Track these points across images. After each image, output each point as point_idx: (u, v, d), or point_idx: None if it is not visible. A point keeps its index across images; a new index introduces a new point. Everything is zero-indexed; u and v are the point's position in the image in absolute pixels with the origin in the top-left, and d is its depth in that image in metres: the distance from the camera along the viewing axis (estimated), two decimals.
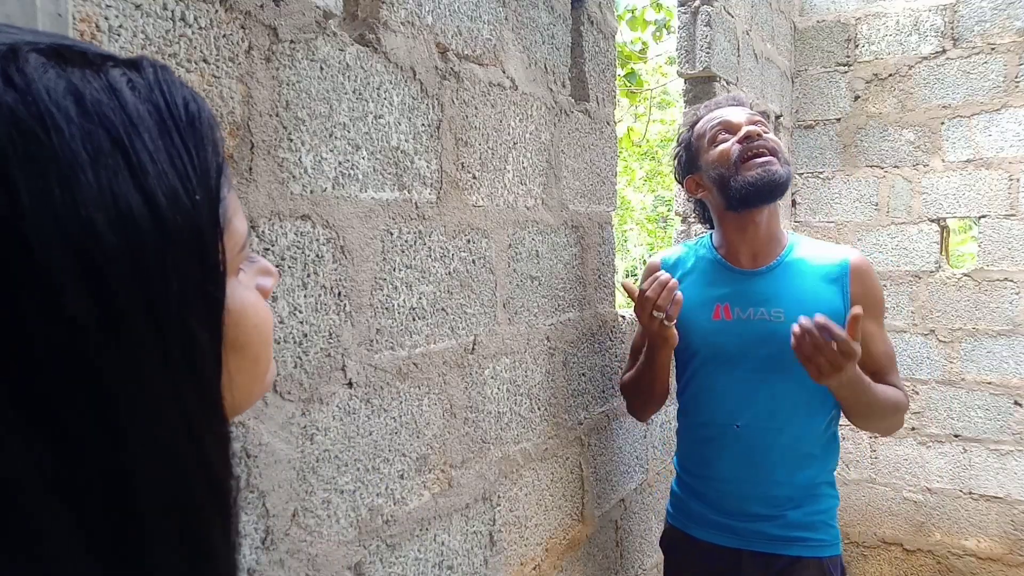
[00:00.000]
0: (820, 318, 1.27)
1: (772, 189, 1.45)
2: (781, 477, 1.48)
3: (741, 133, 1.48)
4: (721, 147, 1.50)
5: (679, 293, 1.44)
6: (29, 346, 0.28)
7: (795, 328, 1.29)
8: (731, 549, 1.51)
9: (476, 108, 1.24)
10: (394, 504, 1.08)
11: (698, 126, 1.58)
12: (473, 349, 1.26)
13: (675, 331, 1.47)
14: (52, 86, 0.30)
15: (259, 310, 0.40)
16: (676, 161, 1.64)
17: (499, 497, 1.33)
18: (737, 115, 1.51)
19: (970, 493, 3.18)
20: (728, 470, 1.51)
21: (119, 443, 0.30)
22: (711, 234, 1.63)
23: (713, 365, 1.51)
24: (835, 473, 1.56)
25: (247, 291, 0.39)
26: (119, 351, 0.30)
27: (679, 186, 1.66)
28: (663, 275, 1.44)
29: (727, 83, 2.62)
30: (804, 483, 1.49)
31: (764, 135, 1.48)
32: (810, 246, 1.56)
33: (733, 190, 1.46)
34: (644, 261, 8.66)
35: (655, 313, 1.43)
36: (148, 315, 0.31)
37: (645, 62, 5.60)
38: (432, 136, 1.15)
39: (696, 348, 1.54)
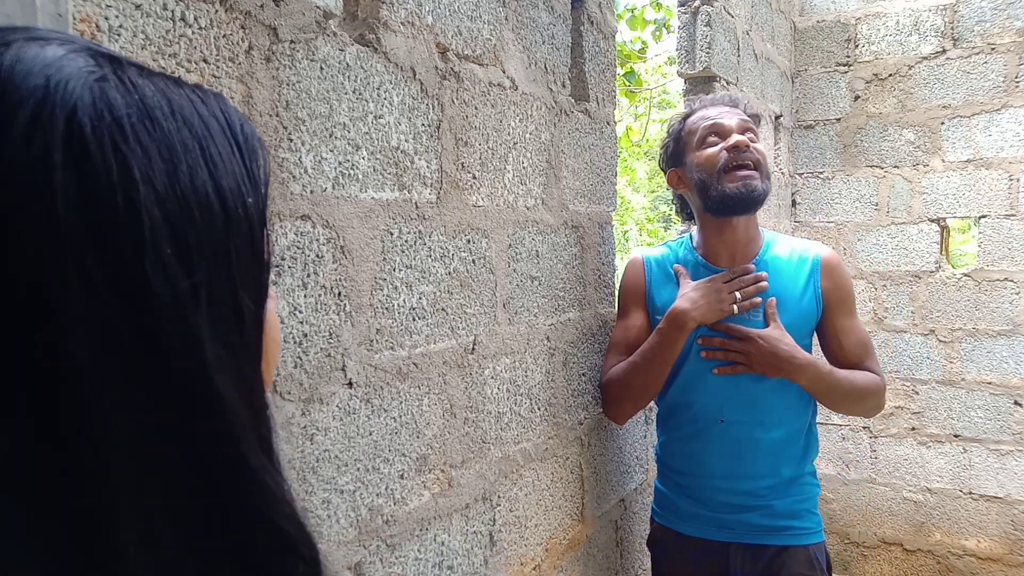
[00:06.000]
0: (722, 325, 1.50)
1: (748, 204, 1.49)
2: (765, 470, 1.53)
3: (730, 141, 1.49)
4: (709, 151, 1.51)
5: (759, 298, 1.50)
6: (138, 287, 0.33)
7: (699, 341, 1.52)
8: (720, 543, 1.54)
9: (476, 108, 1.24)
10: (394, 504, 1.08)
11: (690, 120, 1.59)
12: (473, 349, 1.26)
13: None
14: (149, 88, 0.36)
15: (275, 318, 0.45)
16: (663, 150, 1.66)
17: (499, 497, 1.33)
18: (729, 119, 1.52)
19: (970, 493, 3.18)
20: (714, 465, 1.55)
21: (173, 389, 0.35)
22: (691, 235, 1.66)
23: (699, 364, 1.54)
24: (815, 463, 1.63)
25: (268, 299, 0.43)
26: (196, 309, 0.35)
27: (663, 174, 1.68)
28: (763, 274, 1.51)
29: (727, 83, 2.62)
30: (788, 475, 1.54)
31: (752, 146, 1.49)
32: (784, 244, 1.61)
33: (712, 198, 1.50)
34: None
35: (732, 305, 1.47)
36: (216, 284, 0.36)
37: (644, 62, 5.59)
38: (432, 136, 1.15)
39: (684, 349, 1.55)
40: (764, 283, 1.50)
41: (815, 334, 1.60)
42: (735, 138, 1.49)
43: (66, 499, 0.32)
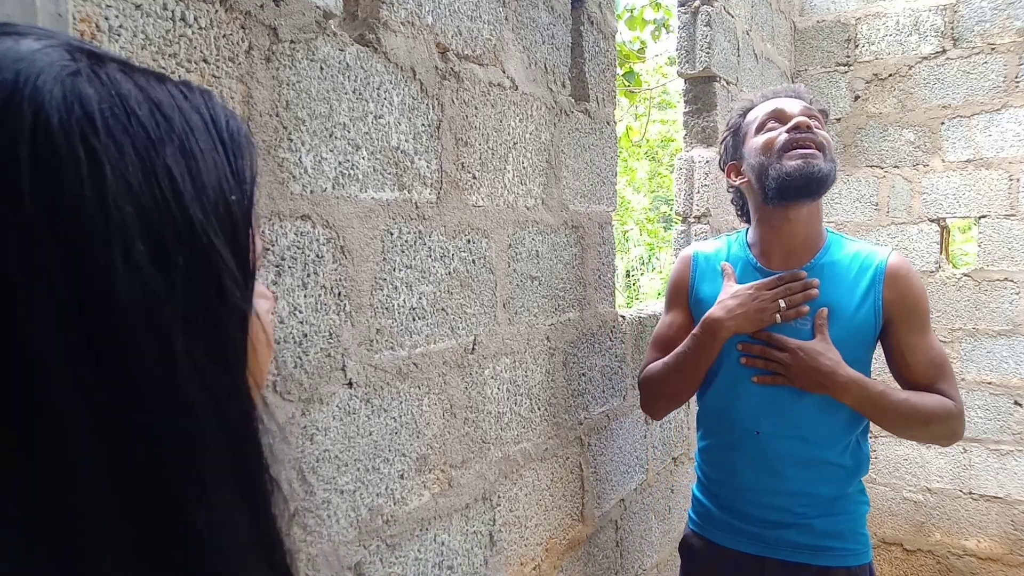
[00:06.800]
0: (763, 334, 1.41)
1: (809, 183, 1.35)
2: (803, 488, 1.41)
3: (791, 123, 1.39)
4: (768, 135, 1.41)
5: (806, 307, 1.38)
6: (101, 284, 0.32)
7: (740, 347, 1.44)
8: (754, 556, 1.45)
9: (476, 108, 1.24)
10: (394, 504, 1.08)
11: (750, 113, 1.49)
12: (473, 349, 1.26)
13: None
14: (127, 85, 0.35)
15: (267, 319, 0.44)
16: (722, 147, 1.57)
17: (499, 497, 1.33)
18: (792, 106, 1.43)
19: (970, 493, 3.18)
20: (749, 477, 1.45)
21: (144, 387, 0.34)
22: (748, 229, 1.55)
23: (737, 370, 1.45)
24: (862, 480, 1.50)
25: (257, 298, 0.42)
26: (170, 310, 0.34)
27: (721, 174, 1.58)
28: (814, 281, 1.39)
29: (727, 83, 2.62)
30: (830, 494, 1.42)
31: (815, 129, 1.39)
32: (848, 247, 1.46)
33: (770, 179, 1.38)
34: (643, 261, 8.63)
35: (774, 315, 1.37)
36: (194, 285, 0.35)
37: (644, 62, 5.59)
38: (432, 136, 1.15)
39: (721, 352, 1.45)
40: (814, 291, 1.37)
41: (881, 349, 1.45)
42: (796, 119, 1.38)
43: (32, 500, 0.32)
